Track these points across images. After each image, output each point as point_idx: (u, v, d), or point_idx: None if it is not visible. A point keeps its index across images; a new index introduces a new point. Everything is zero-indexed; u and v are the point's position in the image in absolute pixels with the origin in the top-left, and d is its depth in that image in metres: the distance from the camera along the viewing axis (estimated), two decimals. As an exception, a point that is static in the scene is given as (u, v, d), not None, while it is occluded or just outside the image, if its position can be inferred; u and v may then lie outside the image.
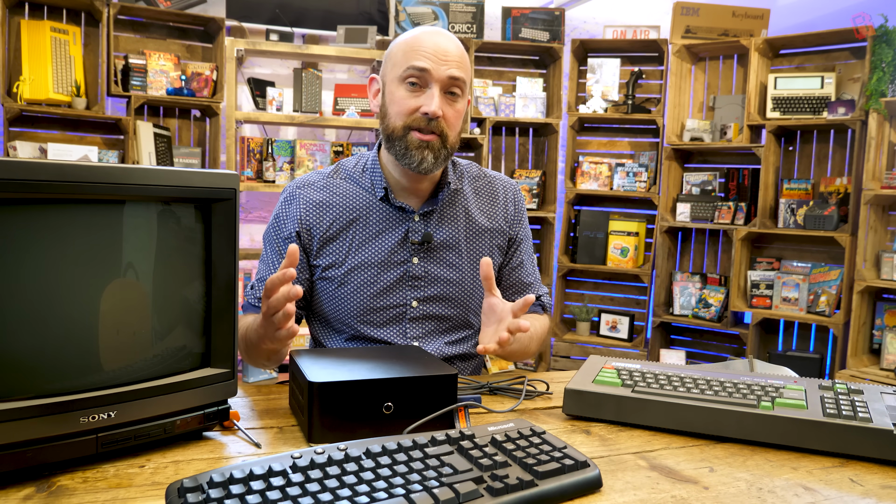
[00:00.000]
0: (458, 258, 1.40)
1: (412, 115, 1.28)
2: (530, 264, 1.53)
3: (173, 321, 0.88)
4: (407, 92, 1.28)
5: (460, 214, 1.42)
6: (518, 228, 1.50)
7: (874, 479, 0.85)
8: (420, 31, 1.31)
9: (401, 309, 1.37)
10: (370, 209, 1.37)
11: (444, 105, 1.28)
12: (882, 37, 3.14)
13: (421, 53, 1.26)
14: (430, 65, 1.26)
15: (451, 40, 1.31)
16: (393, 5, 3.74)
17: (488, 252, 1.44)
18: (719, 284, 3.77)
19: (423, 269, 1.37)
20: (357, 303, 1.36)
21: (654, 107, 3.88)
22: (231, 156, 3.42)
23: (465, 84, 1.31)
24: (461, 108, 1.32)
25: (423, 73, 1.26)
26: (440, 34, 1.31)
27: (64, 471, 0.79)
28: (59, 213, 0.77)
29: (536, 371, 3.95)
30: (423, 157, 1.28)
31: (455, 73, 1.27)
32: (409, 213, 1.37)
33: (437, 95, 1.26)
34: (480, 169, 1.51)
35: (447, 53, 1.27)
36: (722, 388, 1.03)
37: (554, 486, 0.75)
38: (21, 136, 3.23)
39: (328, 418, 0.91)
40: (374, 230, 1.36)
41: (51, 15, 3.24)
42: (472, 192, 1.46)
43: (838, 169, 3.53)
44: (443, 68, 1.26)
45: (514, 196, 1.51)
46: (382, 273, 1.36)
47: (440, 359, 1.26)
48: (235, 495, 0.67)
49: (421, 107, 1.27)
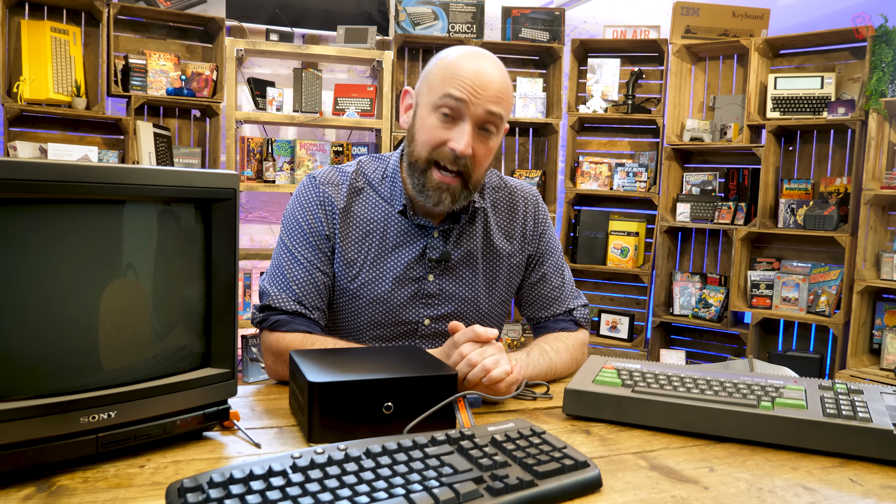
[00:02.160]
0: (473, 277, 1.35)
1: (439, 147, 1.20)
2: (557, 277, 1.44)
3: (173, 321, 0.88)
4: (438, 122, 1.19)
5: (479, 232, 1.36)
6: (538, 244, 1.43)
7: (874, 479, 0.85)
8: (463, 54, 1.21)
9: (412, 326, 1.34)
10: (388, 222, 1.31)
11: (475, 142, 1.19)
12: (882, 37, 3.14)
13: (459, 82, 1.16)
14: (467, 96, 1.16)
15: (495, 69, 1.20)
16: (393, 5, 3.74)
17: (506, 271, 1.39)
18: (719, 284, 3.77)
19: (438, 287, 1.33)
20: (369, 316, 1.32)
21: (654, 107, 3.88)
22: (231, 156, 3.42)
23: (501, 120, 1.21)
24: (494, 145, 1.23)
25: (459, 103, 1.16)
26: (485, 60, 1.20)
27: (64, 471, 0.79)
28: (59, 213, 0.77)
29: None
30: (441, 200, 1.22)
31: (493, 108, 1.17)
32: (428, 230, 1.32)
33: (469, 132, 1.17)
34: (501, 178, 1.44)
35: (488, 86, 1.17)
36: (722, 388, 1.03)
37: (554, 486, 0.75)
38: (21, 136, 3.23)
39: (328, 418, 0.91)
40: (391, 244, 1.31)
41: (51, 15, 3.24)
42: (492, 207, 1.39)
43: (838, 169, 3.53)
44: (480, 102, 1.17)
45: (535, 210, 1.44)
46: (397, 289, 1.31)
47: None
48: (235, 495, 0.67)
49: (450, 140, 1.18)
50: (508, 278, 1.41)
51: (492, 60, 1.22)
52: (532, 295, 1.44)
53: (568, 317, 1.45)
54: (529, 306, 1.45)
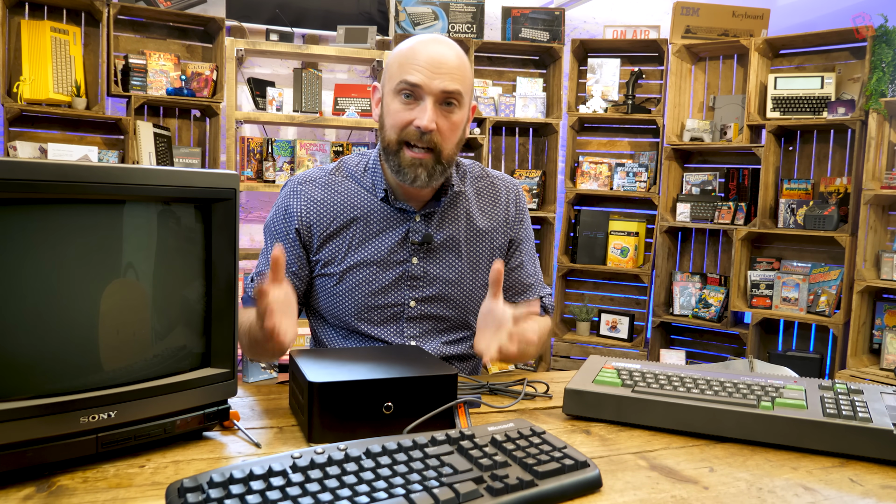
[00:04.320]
0: (457, 259, 1.40)
1: (405, 128, 1.26)
2: (531, 265, 1.52)
3: (173, 321, 0.88)
4: (401, 105, 1.26)
5: (461, 216, 1.41)
6: (518, 230, 1.49)
7: (874, 479, 0.85)
8: (417, 41, 1.28)
9: (398, 308, 1.38)
10: (371, 209, 1.37)
11: (438, 117, 1.25)
12: (882, 37, 3.14)
13: (414, 66, 1.24)
14: (422, 79, 1.23)
15: (448, 49, 1.27)
16: (393, 5, 3.74)
17: (488, 254, 1.44)
18: (719, 284, 3.77)
19: (423, 270, 1.38)
20: (354, 300, 1.36)
21: (654, 107, 3.88)
22: (231, 156, 3.42)
23: (461, 95, 1.27)
24: (458, 119, 1.29)
25: (417, 86, 1.24)
26: (438, 43, 1.28)
27: (64, 471, 0.79)
28: (59, 213, 0.77)
29: (536, 371, 3.95)
30: (417, 175, 1.27)
31: (449, 86, 1.24)
32: (410, 214, 1.37)
33: (431, 108, 1.24)
34: (483, 169, 1.50)
35: (441, 65, 1.24)
36: (722, 388, 1.03)
37: (554, 486, 0.75)
38: (21, 136, 3.23)
39: (328, 418, 0.91)
40: (374, 229, 1.36)
41: (51, 15, 3.24)
42: (474, 193, 1.45)
43: (838, 169, 3.53)
44: (436, 81, 1.23)
45: (516, 197, 1.50)
46: (381, 272, 1.36)
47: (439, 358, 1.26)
48: (235, 495, 0.67)
49: (414, 120, 1.25)
50: (491, 260, 1.45)
51: (447, 43, 1.29)
52: (510, 280, 1.49)
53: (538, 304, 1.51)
54: (506, 291, 1.50)
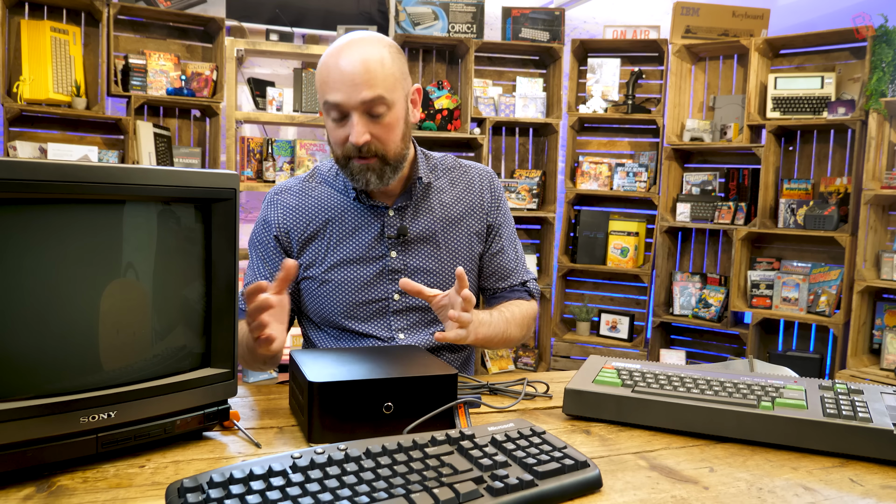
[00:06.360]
0: (435, 249, 1.42)
1: (343, 144, 1.29)
2: (512, 250, 1.53)
3: (173, 321, 0.88)
4: (333, 123, 1.28)
5: (435, 206, 1.43)
6: (496, 215, 1.50)
7: (874, 479, 0.85)
8: (328, 55, 1.26)
9: (383, 303, 1.40)
10: (345, 209, 1.40)
11: (370, 127, 1.26)
12: (882, 37, 3.14)
13: (330, 85, 1.24)
14: (340, 97, 1.23)
15: (357, 55, 1.23)
16: (393, 5, 3.74)
17: (466, 241, 1.46)
18: (719, 284, 3.77)
19: (402, 263, 1.39)
20: (340, 299, 1.38)
21: (654, 107, 3.88)
22: (231, 156, 3.42)
23: (384, 98, 1.24)
24: (391, 119, 1.28)
25: (338, 105, 1.24)
26: (348, 50, 1.24)
27: (64, 471, 0.79)
28: (59, 213, 0.77)
29: (536, 371, 3.95)
30: (368, 180, 1.30)
31: (367, 95, 1.22)
32: (382, 210, 1.39)
33: (357, 123, 1.24)
34: (456, 160, 1.52)
35: (354, 77, 1.22)
36: (722, 388, 1.03)
37: (554, 486, 0.75)
38: (21, 136, 3.23)
39: (328, 418, 0.91)
40: (349, 228, 1.39)
41: (51, 15, 3.24)
42: (448, 183, 1.47)
43: (838, 169, 3.53)
44: (354, 95, 1.23)
45: (490, 183, 1.51)
46: (362, 268, 1.38)
47: (432, 353, 1.26)
48: (235, 495, 0.67)
49: (348, 137, 1.27)
50: (470, 248, 1.47)
51: (357, 47, 1.25)
52: (491, 266, 1.51)
53: (522, 288, 1.54)
54: (488, 277, 1.52)
